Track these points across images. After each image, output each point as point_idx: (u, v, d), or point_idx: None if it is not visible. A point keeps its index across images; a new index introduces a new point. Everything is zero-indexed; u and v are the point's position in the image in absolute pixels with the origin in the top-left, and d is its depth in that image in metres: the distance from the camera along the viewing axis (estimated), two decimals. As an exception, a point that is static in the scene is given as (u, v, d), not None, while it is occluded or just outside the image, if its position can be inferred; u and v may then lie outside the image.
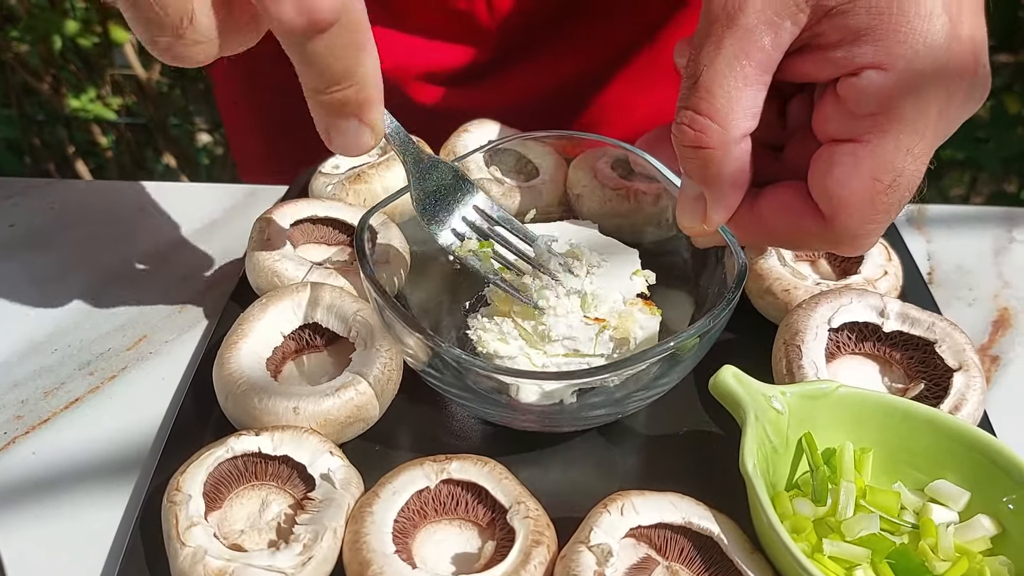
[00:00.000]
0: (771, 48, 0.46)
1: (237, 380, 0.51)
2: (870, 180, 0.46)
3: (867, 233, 0.48)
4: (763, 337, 0.58)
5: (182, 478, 0.47)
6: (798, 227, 0.49)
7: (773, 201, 0.50)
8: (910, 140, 0.45)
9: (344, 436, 0.52)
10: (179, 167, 2.24)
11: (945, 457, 0.48)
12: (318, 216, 0.64)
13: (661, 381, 0.51)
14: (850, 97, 0.46)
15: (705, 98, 0.47)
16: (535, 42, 0.84)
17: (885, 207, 0.47)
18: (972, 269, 0.71)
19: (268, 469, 0.49)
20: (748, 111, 0.47)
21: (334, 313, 0.56)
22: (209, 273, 0.71)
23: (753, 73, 0.46)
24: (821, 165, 0.48)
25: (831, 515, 0.46)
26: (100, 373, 0.62)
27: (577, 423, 0.53)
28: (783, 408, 0.48)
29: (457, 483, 0.48)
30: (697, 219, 0.51)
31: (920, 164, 0.46)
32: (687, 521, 0.45)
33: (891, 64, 0.44)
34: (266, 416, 0.50)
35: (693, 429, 0.56)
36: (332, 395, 0.51)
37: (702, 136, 0.47)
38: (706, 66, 0.47)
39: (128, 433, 0.58)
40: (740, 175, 0.49)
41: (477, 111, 0.73)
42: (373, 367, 0.52)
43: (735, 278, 0.50)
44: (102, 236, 0.75)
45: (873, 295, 0.56)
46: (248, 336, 0.54)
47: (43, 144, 2.29)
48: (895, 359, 0.56)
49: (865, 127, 0.46)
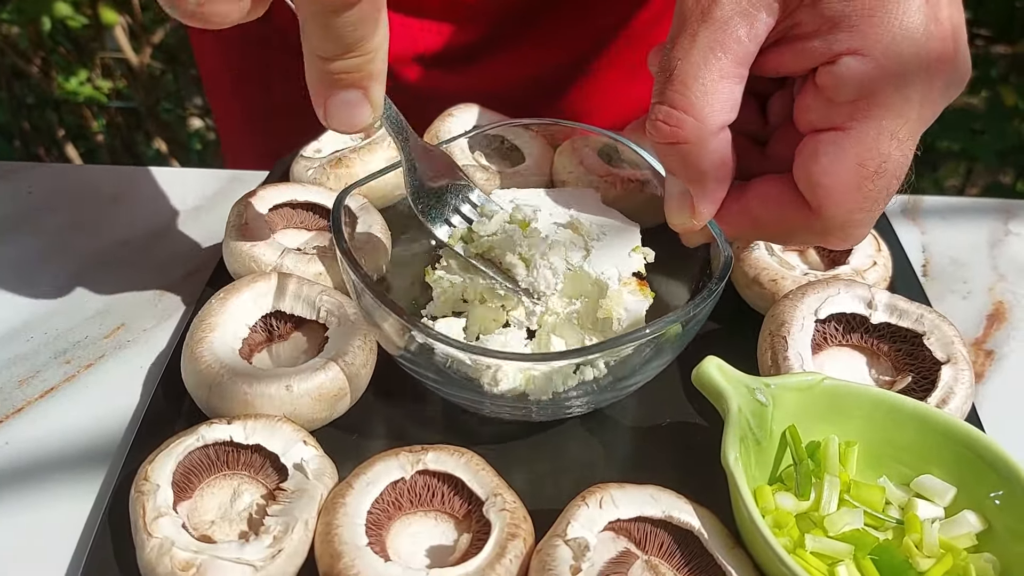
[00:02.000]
0: (747, 40, 0.45)
1: (217, 370, 0.50)
2: (855, 167, 0.45)
3: (856, 223, 0.47)
4: (749, 328, 0.57)
5: (150, 467, 0.46)
6: (786, 219, 0.48)
7: (759, 194, 0.49)
8: (893, 124, 0.44)
9: (335, 413, 0.51)
10: (170, 152, 2.23)
11: (931, 452, 0.47)
12: (298, 201, 0.63)
13: (640, 371, 0.50)
14: (829, 85, 0.45)
15: (680, 91, 0.46)
16: (523, 26, 0.83)
17: (872, 194, 0.46)
18: (967, 262, 0.70)
19: (240, 458, 0.48)
20: (725, 103, 0.46)
21: (299, 298, 0.55)
22: (190, 259, 0.70)
23: (729, 65, 0.45)
24: (805, 155, 0.47)
25: (814, 510, 0.46)
26: (76, 362, 0.61)
27: (552, 413, 0.52)
28: (767, 400, 0.47)
29: (433, 474, 0.47)
30: (686, 215, 0.50)
31: (906, 149, 0.45)
32: (667, 515, 0.44)
33: (868, 50, 0.44)
34: (258, 400, 0.49)
35: (676, 420, 0.55)
36: (323, 369, 0.50)
37: (678, 131, 0.46)
38: (680, 59, 0.46)
39: (103, 422, 0.56)
40: (722, 167, 0.48)
41: (463, 95, 0.72)
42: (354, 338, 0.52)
43: (719, 269, 0.49)
44: (81, 221, 0.73)
45: (861, 286, 0.55)
46: (215, 329, 0.52)
47: (33, 128, 2.27)
48: (883, 351, 0.55)
49: (846, 114, 0.45)
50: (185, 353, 0.52)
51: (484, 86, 0.81)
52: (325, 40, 0.41)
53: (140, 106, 2.21)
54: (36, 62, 2.15)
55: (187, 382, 0.52)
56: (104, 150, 2.30)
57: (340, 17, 0.39)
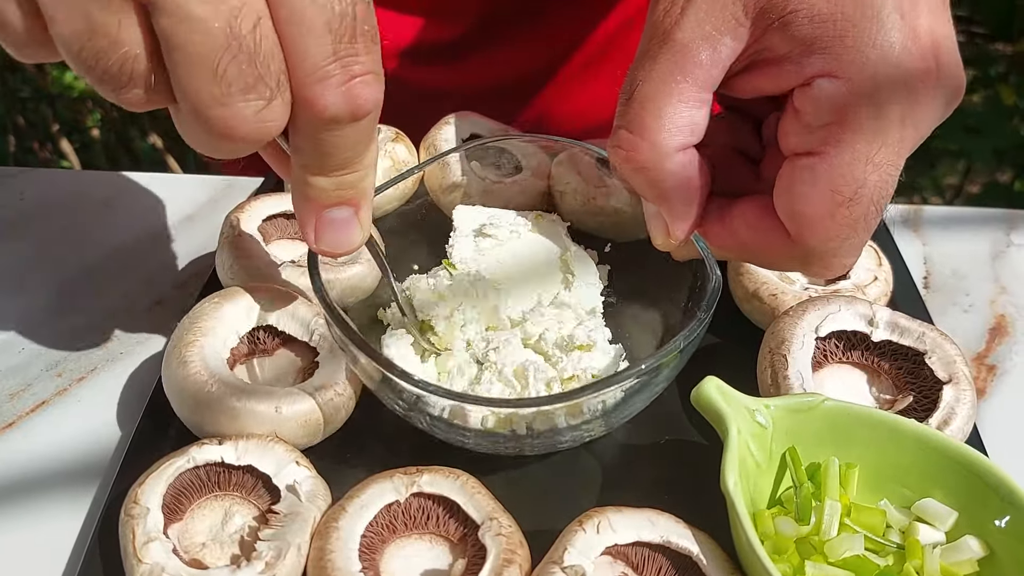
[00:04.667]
0: (709, 64, 0.44)
1: (206, 379, 0.49)
2: (828, 193, 0.43)
3: (834, 252, 0.46)
4: (748, 343, 0.56)
5: (140, 490, 0.45)
6: (768, 244, 0.47)
7: (743, 216, 0.48)
8: (868, 148, 0.43)
9: (313, 440, 0.51)
10: (166, 147, 2.21)
11: (933, 475, 0.47)
12: (292, 211, 0.62)
13: (624, 408, 0.48)
14: (804, 109, 0.44)
15: (637, 115, 0.45)
16: (510, 23, 0.82)
17: (849, 222, 0.44)
18: (968, 274, 0.69)
19: (232, 479, 0.47)
20: (682, 128, 0.45)
21: (293, 316, 0.54)
22: (184, 269, 0.69)
23: (689, 90, 0.44)
24: (783, 181, 0.45)
25: (814, 534, 0.45)
26: (68, 374, 0.60)
27: (537, 449, 0.51)
28: (767, 422, 0.47)
29: (428, 497, 0.46)
30: (663, 234, 0.49)
31: (884, 174, 0.43)
32: (665, 540, 0.44)
33: (842, 71, 0.42)
34: (244, 417, 0.48)
35: (674, 438, 0.54)
36: (313, 396, 0.49)
37: (634, 155, 0.45)
38: (640, 82, 0.45)
39: (95, 438, 0.56)
40: (686, 189, 0.47)
41: (448, 90, 0.71)
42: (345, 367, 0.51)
43: (707, 296, 0.48)
44: (74, 229, 0.72)
45: (862, 303, 0.54)
46: (207, 335, 0.51)
47: (28, 123, 2.26)
48: (883, 369, 0.54)
49: (820, 139, 0.43)
50: (171, 356, 0.51)
51: (470, 83, 0.80)
52: (315, 157, 0.40)
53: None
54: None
55: (169, 388, 0.50)
56: (99, 145, 2.29)
57: (339, 132, 0.38)
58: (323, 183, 0.41)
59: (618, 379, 0.45)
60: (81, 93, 2.19)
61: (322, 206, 0.42)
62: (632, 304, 0.59)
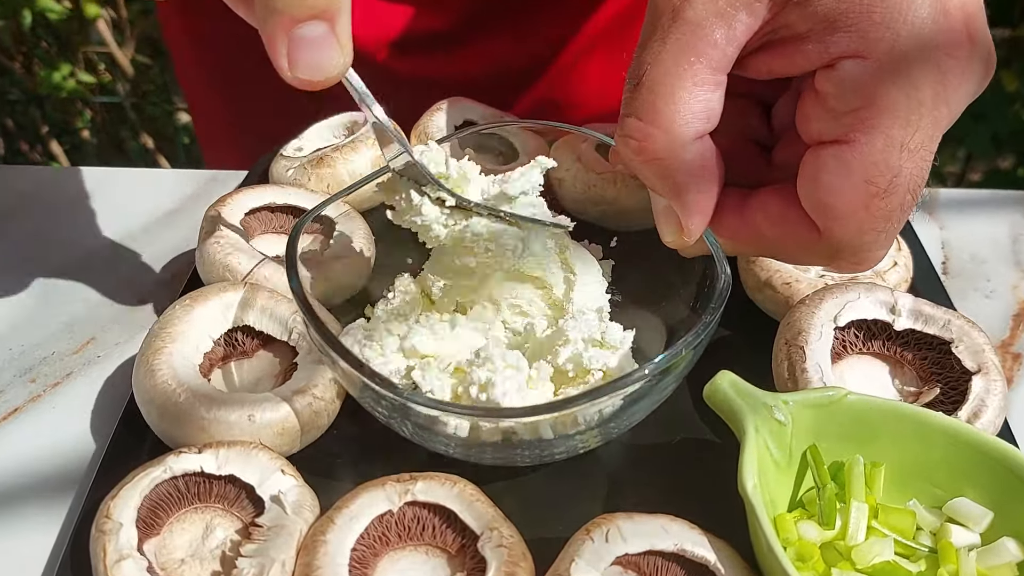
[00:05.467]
0: (723, 43, 0.40)
1: (173, 388, 0.46)
2: (862, 185, 0.40)
3: (867, 246, 0.43)
4: (761, 335, 0.53)
5: (112, 503, 0.42)
6: (790, 238, 0.44)
7: (764, 208, 0.45)
8: (903, 134, 0.39)
9: (295, 448, 0.47)
10: (157, 147, 2.18)
11: (965, 472, 0.43)
12: (276, 204, 0.59)
13: (624, 417, 0.45)
14: (829, 92, 0.40)
15: (647, 101, 0.41)
16: (503, 10, 0.78)
17: (883, 214, 0.41)
18: (988, 258, 0.66)
19: (213, 490, 0.44)
20: (698, 113, 0.41)
21: (271, 315, 0.50)
22: (166, 266, 0.66)
23: (703, 71, 0.40)
24: (808, 171, 0.42)
25: (840, 539, 0.42)
26: (42, 380, 0.57)
27: (527, 459, 0.47)
28: (786, 419, 0.43)
29: (423, 505, 0.43)
30: (674, 232, 0.45)
31: (920, 160, 0.40)
32: (680, 548, 0.41)
33: (869, 51, 0.39)
34: (215, 427, 0.45)
35: (686, 437, 0.51)
36: (289, 401, 0.46)
37: (646, 146, 0.42)
38: (650, 65, 0.41)
39: (70, 447, 0.53)
40: (702, 179, 0.43)
41: (442, 81, 0.68)
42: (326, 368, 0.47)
43: (716, 295, 0.45)
44: (50, 228, 0.69)
45: (883, 289, 0.51)
46: (176, 340, 0.48)
47: (17, 125, 2.22)
48: (907, 360, 0.51)
49: (849, 125, 0.40)
50: (139, 365, 0.48)
51: (463, 73, 0.77)
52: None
53: (125, 101, 2.16)
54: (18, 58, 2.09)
55: (138, 398, 0.48)
56: (89, 146, 2.25)
57: None
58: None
59: (618, 385, 0.41)
60: (70, 94, 2.16)
61: (292, 20, 0.36)
62: (637, 302, 0.55)
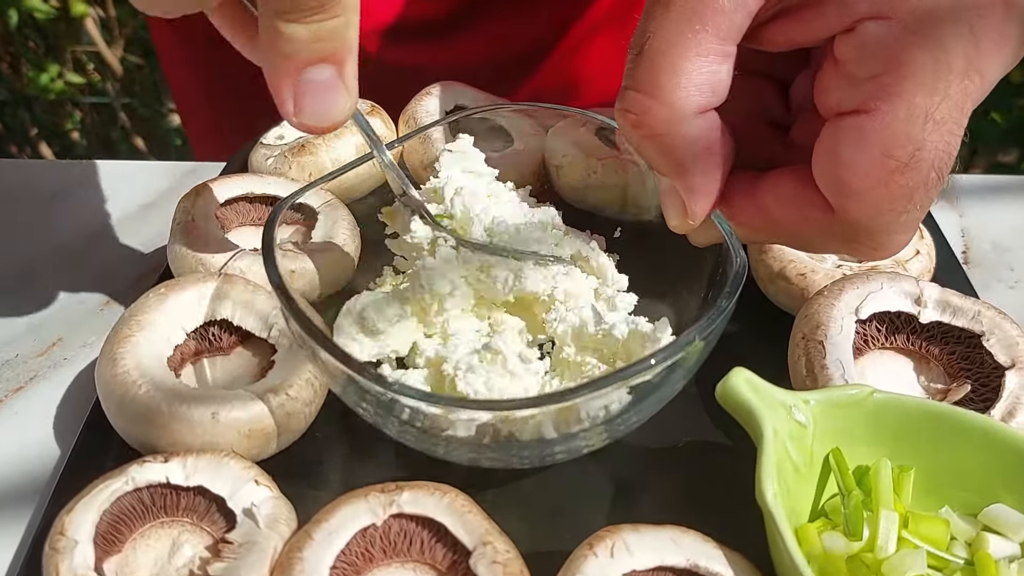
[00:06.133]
0: (731, 9, 0.37)
1: (134, 379, 0.42)
2: (880, 158, 0.36)
3: (885, 228, 0.39)
4: (775, 329, 0.49)
5: (68, 519, 0.38)
6: (804, 219, 0.40)
7: (775, 189, 0.41)
8: (927, 102, 0.35)
9: (264, 453, 0.44)
10: (148, 148, 2.14)
11: (1001, 475, 0.40)
12: (255, 194, 0.55)
13: (630, 414, 0.41)
14: (848, 58, 0.37)
15: (648, 72, 0.38)
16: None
17: (905, 191, 0.37)
18: (1011, 246, 0.62)
19: (180, 502, 0.40)
20: (702, 86, 0.38)
21: (250, 309, 0.47)
22: (137, 264, 0.62)
23: (709, 40, 0.37)
24: (824, 145, 0.38)
25: (868, 551, 0.38)
26: (5, 383, 0.53)
27: (526, 461, 0.43)
28: (807, 420, 0.40)
29: (410, 518, 0.39)
30: (679, 214, 0.42)
31: (947, 132, 0.36)
32: (693, 563, 0.37)
33: (892, 10, 0.35)
34: (176, 425, 0.41)
35: (694, 439, 0.47)
36: (258, 400, 0.42)
37: (645, 119, 0.38)
38: (652, 34, 0.37)
39: (35, 454, 0.49)
40: (707, 158, 0.40)
41: (438, 70, 0.64)
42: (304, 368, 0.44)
43: (731, 280, 0.41)
44: (15, 223, 0.65)
45: (907, 279, 0.47)
46: (145, 328, 0.44)
47: (5, 127, 2.18)
48: (933, 355, 0.47)
49: (870, 92, 0.36)
50: (102, 354, 0.44)
51: (461, 61, 0.73)
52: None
53: (115, 101, 2.12)
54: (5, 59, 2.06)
55: (99, 391, 0.44)
56: (79, 148, 2.22)
57: None
58: (299, 32, 0.34)
59: (623, 375, 0.37)
60: (58, 95, 2.12)
61: (299, 64, 0.35)
62: (645, 296, 0.51)
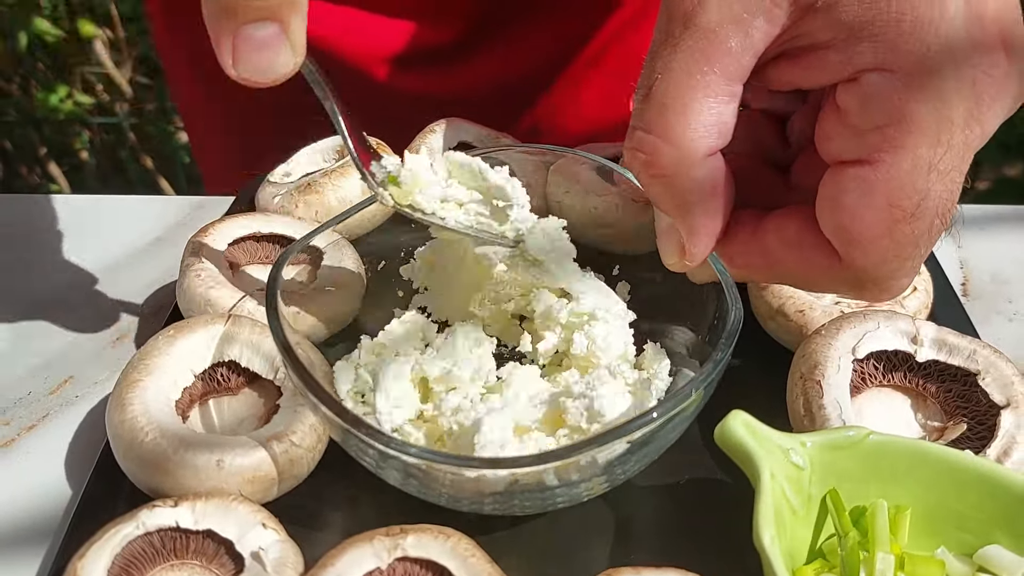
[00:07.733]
0: (739, 51, 0.37)
1: (142, 425, 0.43)
2: (886, 209, 0.37)
3: (891, 274, 0.40)
4: (774, 365, 0.50)
5: (80, 564, 0.39)
6: (809, 264, 0.41)
7: (779, 232, 0.42)
8: (932, 154, 0.36)
9: (268, 497, 0.45)
10: (157, 168, 2.16)
11: (997, 516, 0.40)
12: (261, 233, 0.56)
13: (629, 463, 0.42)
14: (851, 108, 0.38)
15: (658, 113, 0.38)
16: (499, 26, 0.76)
17: (910, 240, 0.38)
18: (1010, 278, 0.62)
19: (190, 545, 0.41)
20: (710, 128, 0.38)
21: (256, 350, 0.48)
22: (149, 299, 0.63)
23: (717, 81, 0.38)
24: (828, 193, 0.39)
25: (864, 593, 0.39)
26: (16, 423, 0.54)
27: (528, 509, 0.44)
28: (804, 462, 0.40)
29: (414, 561, 0.40)
30: (676, 253, 0.43)
31: (949, 182, 0.37)
32: (691, 606, 0.38)
33: (897, 63, 0.36)
34: (181, 471, 0.42)
35: (695, 477, 0.48)
36: (263, 447, 0.43)
37: (654, 161, 0.39)
38: (660, 75, 0.38)
39: (46, 495, 0.49)
40: (711, 199, 0.40)
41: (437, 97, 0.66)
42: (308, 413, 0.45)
43: (727, 332, 0.42)
44: (27, 259, 0.66)
45: (903, 318, 0.48)
46: (153, 373, 0.45)
47: (15, 147, 2.20)
48: (930, 392, 0.48)
49: (874, 144, 0.37)
50: (112, 399, 0.45)
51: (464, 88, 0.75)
52: None
53: (124, 121, 2.14)
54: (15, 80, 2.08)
55: (109, 434, 0.45)
56: (89, 168, 2.24)
57: None
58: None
59: (625, 431, 0.38)
60: (68, 115, 2.14)
61: (236, 20, 0.34)
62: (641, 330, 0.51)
